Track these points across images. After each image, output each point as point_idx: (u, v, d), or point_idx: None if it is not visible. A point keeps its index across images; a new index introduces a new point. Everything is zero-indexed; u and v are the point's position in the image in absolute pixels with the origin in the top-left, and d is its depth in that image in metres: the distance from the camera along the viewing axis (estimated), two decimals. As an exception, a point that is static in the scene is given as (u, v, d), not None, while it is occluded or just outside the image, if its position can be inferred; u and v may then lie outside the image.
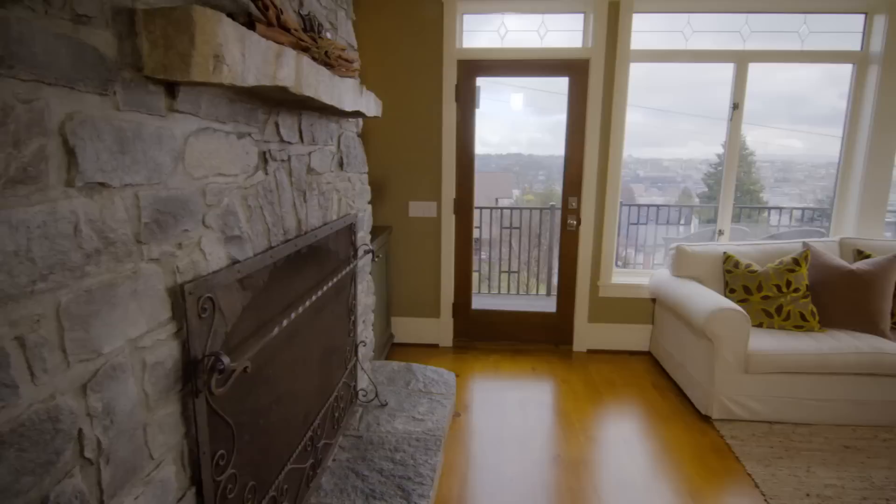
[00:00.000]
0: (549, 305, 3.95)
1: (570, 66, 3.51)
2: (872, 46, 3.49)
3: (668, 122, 4.06)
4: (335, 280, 1.73)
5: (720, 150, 7.33)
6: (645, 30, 3.60)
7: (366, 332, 2.30)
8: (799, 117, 4.19)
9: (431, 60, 3.48)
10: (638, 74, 3.68)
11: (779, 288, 2.99)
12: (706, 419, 2.85)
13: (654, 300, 3.69)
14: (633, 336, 3.78)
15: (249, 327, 1.28)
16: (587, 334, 3.79)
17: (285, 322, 1.34)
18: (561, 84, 3.60)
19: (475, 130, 3.61)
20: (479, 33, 3.67)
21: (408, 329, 3.84)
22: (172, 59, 0.88)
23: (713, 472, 2.40)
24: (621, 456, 2.52)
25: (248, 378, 1.29)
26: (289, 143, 1.53)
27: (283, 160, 1.48)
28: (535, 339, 3.90)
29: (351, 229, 2.05)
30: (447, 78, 3.48)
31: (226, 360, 1.05)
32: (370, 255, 2.26)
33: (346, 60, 1.54)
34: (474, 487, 2.24)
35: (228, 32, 0.93)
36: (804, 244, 3.20)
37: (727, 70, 3.64)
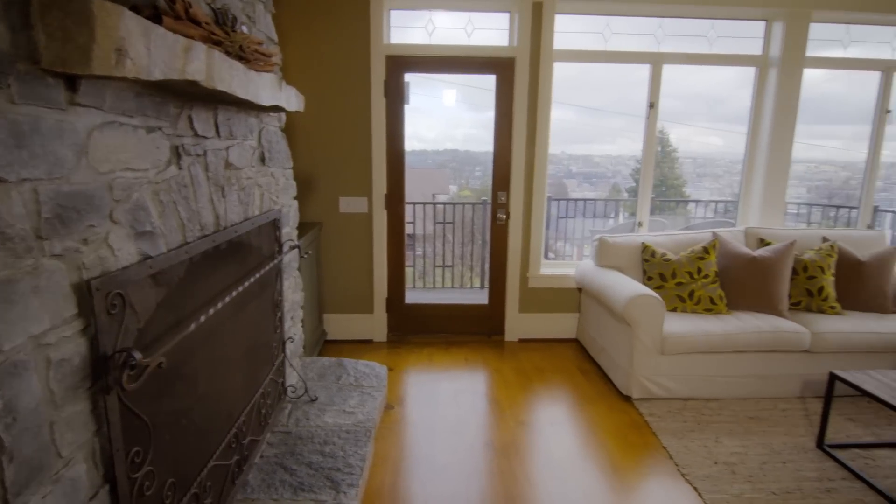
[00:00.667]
0: (482, 298, 4.05)
1: (496, 65, 3.61)
2: (772, 51, 3.81)
3: (598, 119, 4.25)
4: (258, 276, 1.72)
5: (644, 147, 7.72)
6: (569, 30, 3.76)
7: (294, 329, 2.28)
8: (717, 116, 4.49)
9: (359, 55, 3.47)
10: (569, 74, 3.84)
11: (691, 275, 3.22)
12: (627, 399, 3.03)
13: (580, 289, 3.88)
14: (561, 324, 3.95)
15: (165, 323, 1.25)
16: (518, 324, 3.92)
17: (203, 318, 1.32)
18: (493, 81, 3.70)
19: (405, 125, 3.64)
20: (408, 29, 3.70)
21: (341, 325, 3.82)
22: (71, 53, 0.86)
23: (633, 447, 2.56)
24: (549, 438, 2.64)
25: (165, 374, 1.27)
26: (204, 137, 1.50)
27: (198, 155, 1.45)
28: (469, 331, 3.99)
29: (275, 225, 2.03)
30: (375, 73, 3.48)
31: (137, 355, 1.03)
32: (297, 251, 2.24)
33: (264, 55, 1.53)
34: (407, 477, 2.29)
35: (131, 26, 0.92)
36: (713, 234, 3.47)
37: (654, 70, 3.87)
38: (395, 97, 3.58)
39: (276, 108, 1.80)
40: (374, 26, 3.43)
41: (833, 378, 2.49)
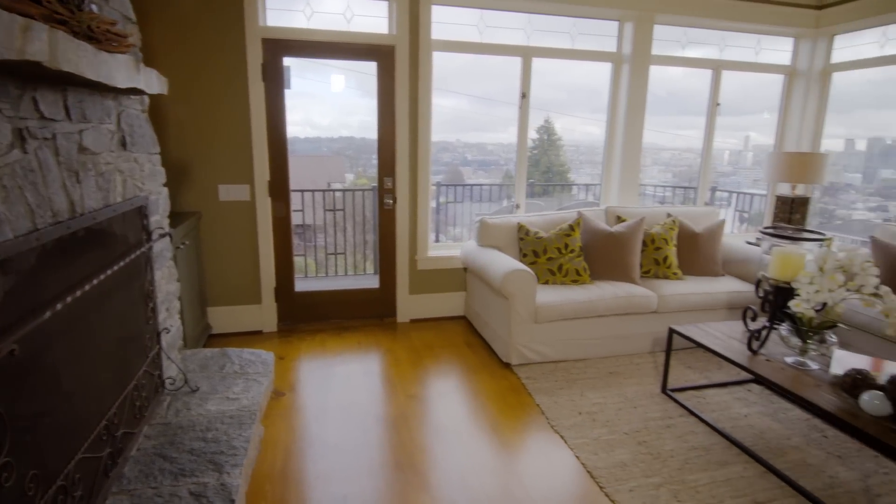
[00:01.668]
0: (375, 282, 4.14)
1: (377, 52, 3.68)
2: (624, 48, 4.26)
3: (490, 108, 4.45)
4: (123, 264, 1.66)
5: (534, 136, 8.15)
6: (448, 21, 3.92)
7: (170, 320, 2.21)
8: (597, 107, 4.86)
9: (234, 38, 3.35)
10: (458, 63, 4.01)
11: (559, 250, 3.56)
12: (507, 366, 3.30)
13: (465, 269, 4.10)
14: (450, 303, 4.16)
15: (15, 312, 1.20)
16: (409, 305, 4.07)
17: (60, 306, 1.28)
18: (375, 68, 3.75)
19: (289, 111, 3.60)
20: (287, 13, 3.63)
21: (228, 318, 3.71)
22: None
23: (511, 408, 2.82)
24: (438, 407, 2.82)
25: (23, 364, 1.22)
26: (52, 120, 1.43)
27: (45, 138, 1.38)
28: (361, 315, 4.07)
29: (141, 212, 1.95)
30: (252, 56, 3.40)
31: (-18, 345, 1.00)
32: (168, 240, 2.17)
33: (118, 35, 1.48)
34: (299, 458, 2.34)
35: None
36: (578, 213, 3.84)
37: (538, 63, 4.14)
38: (275, 81, 3.52)
39: (134, 91, 1.74)
40: (248, 8, 3.33)
41: (671, 332, 2.92)
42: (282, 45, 3.49)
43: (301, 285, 4.07)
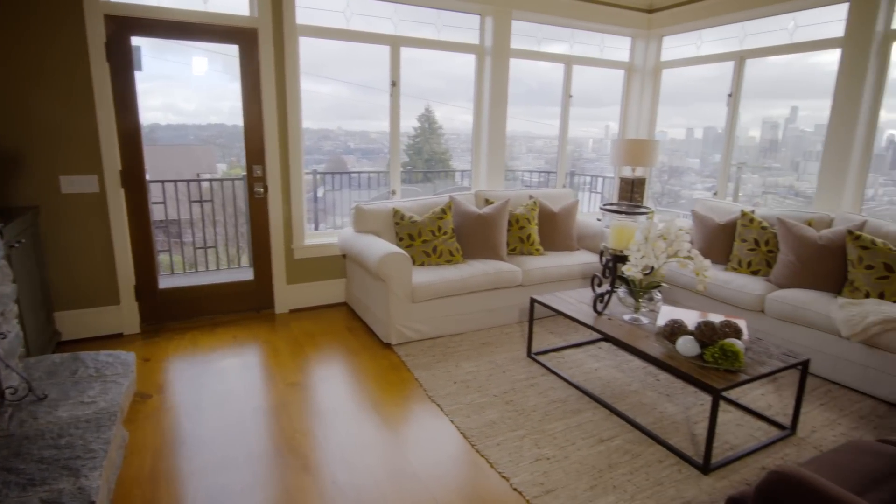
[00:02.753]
0: (249, 274, 4.00)
1: (238, 34, 3.53)
2: (486, 41, 4.52)
3: (371, 96, 4.41)
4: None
5: (416, 124, 8.23)
6: (314, 6, 3.87)
7: (6, 325, 1.99)
8: (473, 97, 5.02)
9: (70, 13, 3.03)
10: (334, 49, 3.97)
11: (433, 233, 3.73)
12: (388, 346, 3.41)
13: (344, 256, 4.13)
14: (330, 290, 4.17)
15: None
16: (287, 295, 4.01)
17: None
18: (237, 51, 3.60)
19: (138, 94, 3.34)
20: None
21: (81, 322, 3.38)
22: None
23: (391, 384, 2.93)
24: (319, 392, 2.85)
25: None
26: None
27: None
28: (236, 309, 3.93)
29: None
30: (94, 34, 3.09)
31: None
32: (-1, 235, 1.95)
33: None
34: (170, 457, 2.25)
35: None
36: (450, 197, 4.04)
37: (415, 52, 4.21)
38: (122, 63, 3.24)
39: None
40: (83, -20, 3.02)
41: (533, 302, 3.22)
42: (128, 23, 3.22)
43: (167, 282, 3.82)
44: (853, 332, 2.79)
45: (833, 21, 3.87)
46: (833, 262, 3.17)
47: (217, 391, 2.82)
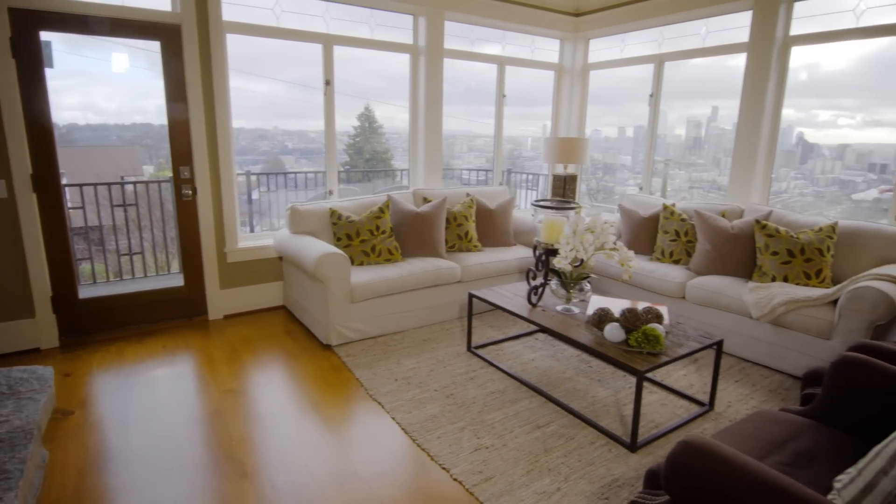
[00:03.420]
0: (179, 280, 3.84)
1: (159, 30, 3.39)
2: (420, 41, 4.55)
3: (308, 95, 4.30)
4: None
5: (356, 123, 8.12)
6: (242, 3, 3.76)
7: None
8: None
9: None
10: (270, 46, 3.88)
11: (371, 232, 3.72)
12: (328, 347, 3.38)
13: (281, 258, 4.05)
14: (267, 294, 4.07)
15: None
16: (221, 301, 3.88)
17: None
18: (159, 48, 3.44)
19: (49, 93, 3.13)
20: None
21: (-9, 338, 3.14)
22: None
23: (332, 385, 2.91)
24: (257, 398, 2.78)
25: None
26: None
27: None
28: (166, 317, 3.76)
29: None
30: (-5, 28, 2.88)
31: None
32: None
33: None
34: (97, 474, 2.14)
35: None
36: (388, 196, 4.04)
37: (353, 51, 4.16)
38: (30, 59, 3.03)
39: None
40: (-20, -31, 2.81)
41: (471, 297, 3.29)
42: (36, 17, 3.01)
43: (89, 292, 3.61)
44: (762, 313, 3.04)
45: (739, 27, 4.18)
46: (744, 249, 3.44)
47: (146, 403, 2.70)
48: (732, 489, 1.18)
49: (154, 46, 3.44)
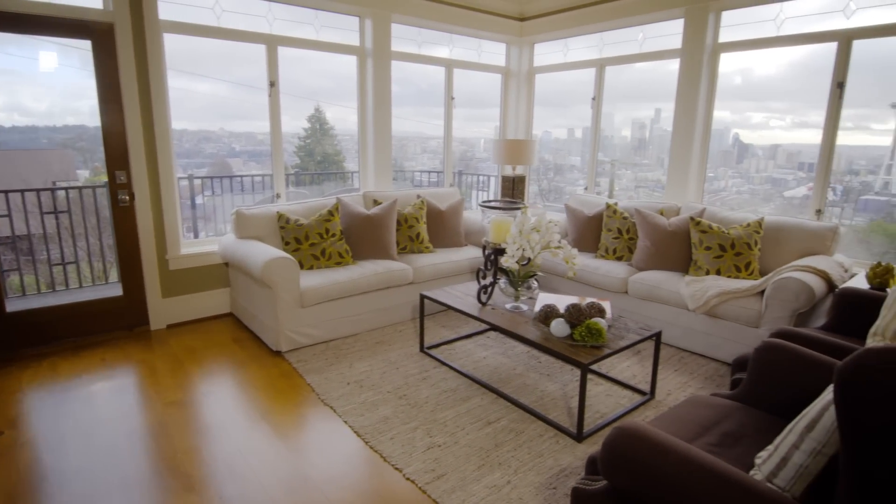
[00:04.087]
0: (118, 290, 3.68)
1: (90, 29, 3.24)
2: (366, 43, 4.54)
3: (255, 95, 4.18)
4: None
5: (306, 125, 7.97)
6: (180, 2, 3.64)
7: None
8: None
9: None
10: (214, 46, 3.77)
11: (321, 235, 3.69)
12: (278, 354, 3.33)
13: (226, 264, 3.94)
14: (212, 301, 3.96)
15: None
16: (164, 310, 3.74)
17: None
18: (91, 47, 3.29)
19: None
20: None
21: None
22: None
23: (282, 392, 2.87)
24: (203, 408, 2.71)
25: None
26: None
27: None
28: (104, 329, 3.60)
29: None
30: None
31: None
32: None
33: None
34: (28, 496, 2.03)
35: None
36: (337, 199, 4.02)
37: (301, 52, 4.10)
38: (-58, 58, 2.83)
39: None
40: None
41: (422, 298, 3.32)
42: (-52, 12, 2.82)
43: (18, 305, 3.41)
44: (697, 305, 3.21)
45: (673, 34, 4.40)
46: (681, 245, 3.62)
47: (83, 419, 2.58)
48: (662, 470, 1.25)
49: (84, 44, 3.28)
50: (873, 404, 1.02)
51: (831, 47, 3.54)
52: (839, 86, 3.52)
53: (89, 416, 2.61)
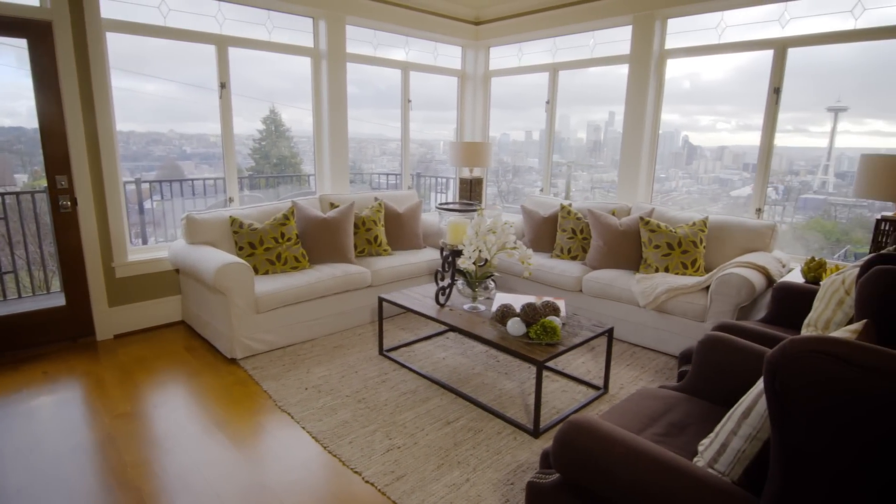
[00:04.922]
0: (61, 300, 3.51)
1: (26, 27, 3.09)
2: (321, 45, 4.50)
3: (206, 96, 4.04)
4: None
5: (261, 127, 7.79)
6: (125, 0, 3.51)
7: None
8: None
9: None
10: (158, 45, 3.65)
11: (276, 239, 3.63)
12: (234, 361, 3.25)
13: (177, 270, 3.82)
14: (163, 309, 3.83)
15: None
16: (111, 320, 3.60)
17: None
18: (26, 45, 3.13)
19: None
20: None
21: None
22: None
23: (237, 400, 2.81)
24: (154, 420, 2.62)
25: None
26: None
27: None
28: (46, 341, 3.43)
29: None
30: None
31: None
32: None
33: None
34: (-40, 519, 1.92)
35: None
36: (292, 202, 3.96)
37: (254, 53, 4.01)
38: None
39: None
40: None
41: (381, 301, 3.31)
42: None
43: (-54, 318, 3.20)
44: (647, 301, 3.33)
45: (622, 40, 4.55)
46: (631, 244, 3.75)
47: (24, 436, 2.45)
48: (610, 460, 1.30)
49: (21, 42, 3.12)
50: (797, 390, 1.10)
51: (769, 54, 3.74)
52: (776, 91, 3.72)
53: (31, 431, 2.48)
